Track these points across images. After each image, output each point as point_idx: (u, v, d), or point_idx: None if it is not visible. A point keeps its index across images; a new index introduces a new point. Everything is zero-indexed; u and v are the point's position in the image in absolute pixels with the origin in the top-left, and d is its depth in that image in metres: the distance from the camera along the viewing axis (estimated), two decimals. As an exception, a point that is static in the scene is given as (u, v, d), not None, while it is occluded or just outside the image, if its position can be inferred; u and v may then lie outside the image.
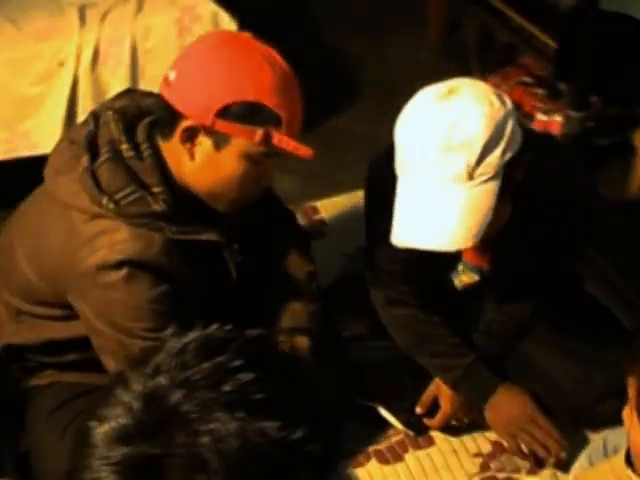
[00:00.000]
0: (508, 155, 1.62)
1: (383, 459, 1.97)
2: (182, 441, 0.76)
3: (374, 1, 3.65)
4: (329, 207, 2.72)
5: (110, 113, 1.63)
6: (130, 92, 1.80)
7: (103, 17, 2.50)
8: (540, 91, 2.93)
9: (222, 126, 1.53)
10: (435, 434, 2.03)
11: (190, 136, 1.55)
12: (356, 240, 2.49)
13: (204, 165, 1.57)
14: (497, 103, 1.62)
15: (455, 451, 2.01)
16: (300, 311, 1.87)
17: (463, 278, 1.94)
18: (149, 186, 1.57)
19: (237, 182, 1.59)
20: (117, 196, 1.56)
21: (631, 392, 1.27)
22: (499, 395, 1.92)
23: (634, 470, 1.37)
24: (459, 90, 1.61)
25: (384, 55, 3.39)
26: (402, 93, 3.13)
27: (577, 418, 2.03)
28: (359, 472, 1.91)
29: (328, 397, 0.87)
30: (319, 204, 2.71)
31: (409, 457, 1.98)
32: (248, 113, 1.53)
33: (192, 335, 0.83)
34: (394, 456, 1.98)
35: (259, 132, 1.53)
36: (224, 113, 1.52)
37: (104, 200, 1.55)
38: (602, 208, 2.02)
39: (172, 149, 1.59)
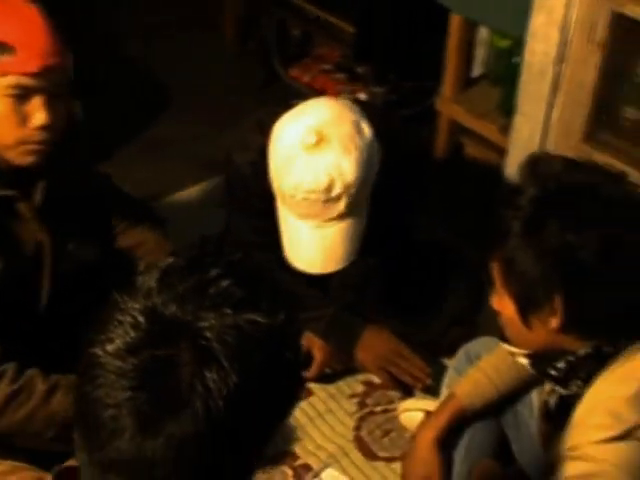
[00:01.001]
0: (374, 177, 1.84)
1: (269, 414, 2.12)
2: (186, 341, 0.88)
3: (165, 6, 3.79)
4: (164, 206, 2.82)
5: None
6: None
7: None
8: (340, 75, 3.21)
9: None
10: (312, 385, 2.20)
11: None
12: (198, 229, 2.63)
13: None
14: (361, 143, 1.78)
15: (333, 396, 2.19)
16: None
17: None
18: None
19: (4, 122, 1.63)
20: None
21: (496, 277, 1.48)
22: (366, 336, 2.13)
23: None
24: (328, 139, 1.75)
25: (185, 58, 3.52)
26: (209, 96, 3.37)
27: (431, 348, 2.27)
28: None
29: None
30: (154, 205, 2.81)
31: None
32: None
33: (168, 261, 0.96)
34: (279, 410, 2.13)
35: None
36: None
37: None
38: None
39: None
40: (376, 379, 2.22)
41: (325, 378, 2.21)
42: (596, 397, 1.40)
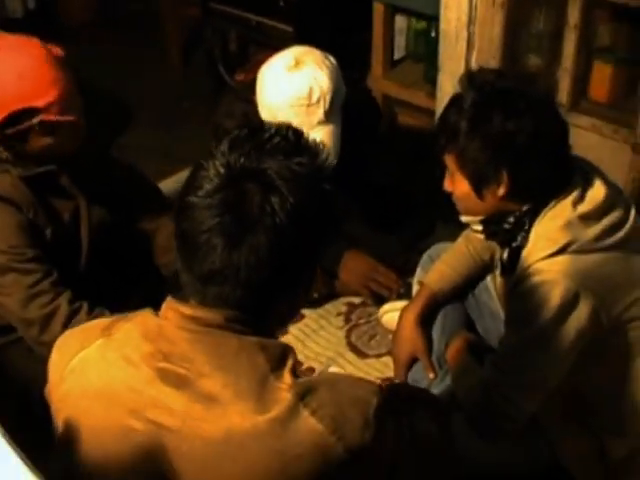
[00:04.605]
0: (343, 95, 2.33)
1: (274, 335, 2.53)
2: (254, 179, 1.24)
3: (116, 40, 4.26)
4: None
5: None
6: None
7: None
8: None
9: (13, 133, 1.97)
10: (303, 310, 2.61)
11: (4, 145, 2.00)
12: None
13: (28, 152, 2.02)
14: (330, 64, 2.33)
15: (322, 316, 2.63)
16: None
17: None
18: None
19: (55, 147, 2.02)
20: None
21: (451, 166, 1.89)
22: (346, 258, 2.57)
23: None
24: (304, 61, 2.30)
25: (137, 79, 3.99)
26: (163, 105, 3.79)
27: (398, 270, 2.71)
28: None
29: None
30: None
31: (292, 329, 2.55)
32: (19, 118, 1.95)
33: (234, 133, 1.32)
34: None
35: (34, 124, 1.96)
36: (4, 127, 1.95)
37: None
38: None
39: None
40: (356, 300, 2.67)
41: (314, 302, 2.63)
42: (537, 233, 1.86)
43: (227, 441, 1.21)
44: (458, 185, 1.92)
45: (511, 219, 1.90)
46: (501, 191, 1.85)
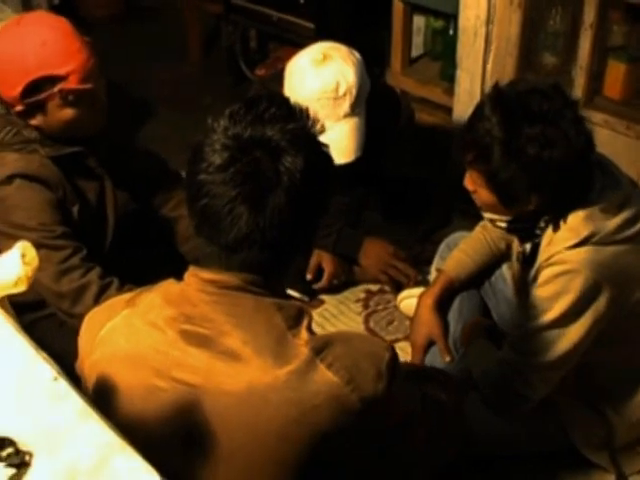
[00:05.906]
0: (367, 89, 2.40)
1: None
2: (261, 147, 1.29)
3: (136, 35, 4.36)
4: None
5: None
6: None
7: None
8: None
9: (33, 102, 2.01)
10: (323, 296, 2.71)
11: (25, 115, 2.06)
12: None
13: (49, 125, 2.07)
14: (355, 60, 2.40)
15: (342, 302, 2.71)
16: None
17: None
18: (22, 127, 2.08)
19: (75, 120, 2.05)
20: (0, 135, 2.08)
21: (477, 180, 1.90)
22: (366, 245, 2.65)
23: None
24: (331, 56, 2.37)
25: (157, 76, 4.08)
26: (185, 101, 3.88)
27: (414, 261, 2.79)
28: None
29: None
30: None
31: (312, 314, 2.63)
32: (39, 86, 1.98)
33: (231, 108, 1.37)
34: (302, 316, 2.63)
35: (55, 92, 1.99)
36: (25, 95, 1.99)
37: None
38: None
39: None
40: (374, 287, 2.75)
41: (333, 289, 2.72)
42: (560, 226, 1.91)
43: (249, 394, 1.29)
44: (483, 194, 1.93)
45: (542, 224, 1.93)
46: (530, 207, 1.89)
